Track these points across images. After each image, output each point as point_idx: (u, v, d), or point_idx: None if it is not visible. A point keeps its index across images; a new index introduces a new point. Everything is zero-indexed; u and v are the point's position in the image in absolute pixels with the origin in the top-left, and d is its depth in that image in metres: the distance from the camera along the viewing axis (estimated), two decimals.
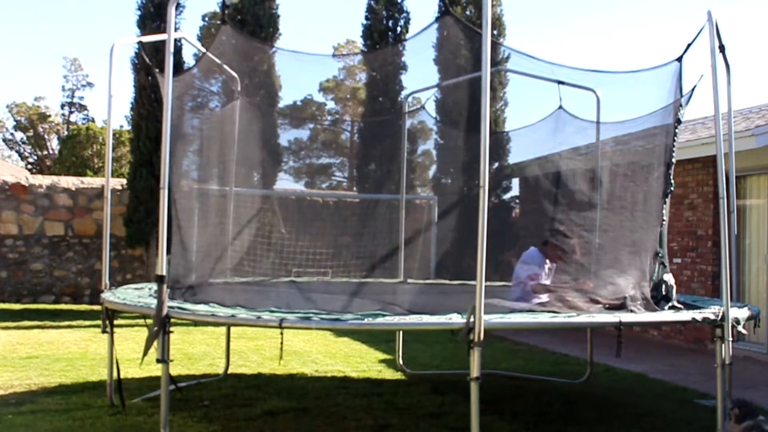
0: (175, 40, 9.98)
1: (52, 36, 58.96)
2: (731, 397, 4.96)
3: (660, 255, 5.87)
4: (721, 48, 5.55)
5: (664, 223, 5.94)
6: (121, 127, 31.15)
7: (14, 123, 41.39)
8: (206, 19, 27.22)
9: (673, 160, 6.09)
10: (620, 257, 6.03)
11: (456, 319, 4.69)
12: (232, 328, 8.53)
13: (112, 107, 6.47)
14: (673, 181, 6.09)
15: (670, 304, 5.83)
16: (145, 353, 5.00)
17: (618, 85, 6.96)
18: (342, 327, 5.64)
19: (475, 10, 14.38)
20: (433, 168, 15.58)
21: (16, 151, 42.23)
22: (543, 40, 54.06)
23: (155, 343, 4.90)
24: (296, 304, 5.66)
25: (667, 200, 6.00)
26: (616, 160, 7.20)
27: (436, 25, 7.03)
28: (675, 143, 6.09)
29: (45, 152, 41.07)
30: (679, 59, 6.16)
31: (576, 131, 7.84)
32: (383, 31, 14.80)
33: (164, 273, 4.93)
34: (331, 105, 32.52)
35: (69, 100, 42.19)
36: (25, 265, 14.65)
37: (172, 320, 4.95)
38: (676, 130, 6.09)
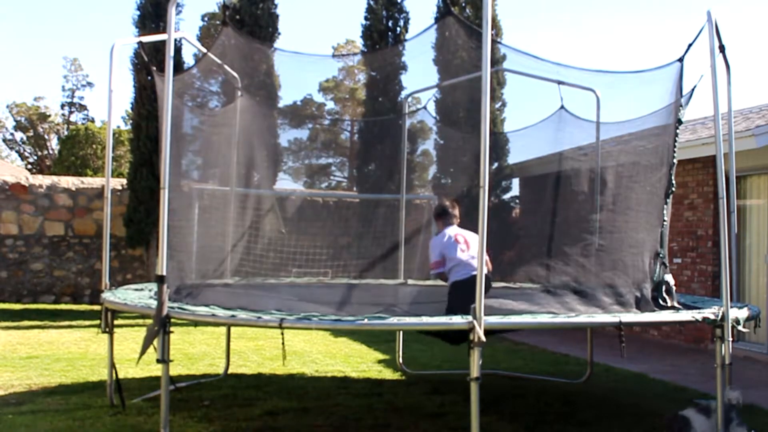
0: (175, 40, 9.97)
1: (52, 36, 59.00)
2: (668, 413, 4.87)
3: (661, 255, 5.87)
4: (721, 48, 5.55)
5: (665, 223, 5.94)
6: (119, 127, 31.15)
7: (14, 123, 41.37)
8: (206, 19, 27.23)
9: (675, 161, 6.08)
10: (621, 257, 6.02)
11: (456, 319, 4.69)
12: (233, 329, 8.53)
13: (112, 107, 6.47)
14: (674, 182, 6.09)
15: (670, 304, 5.83)
16: (143, 352, 5.00)
17: (619, 85, 6.95)
18: (342, 327, 5.65)
19: (473, 11, 14.38)
20: (433, 168, 15.56)
21: (16, 151, 42.23)
22: (542, 41, 54.10)
23: (155, 343, 4.90)
24: (296, 305, 5.66)
25: (669, 200, 6.00)
26: (617, 160, 7.19)
27: (436, 26, 7.03)
28: (676, 143, 6.08)
29: (45, 152, 41.06)
30: (681, 59, 6.16)
31: (577, 131, 7.84)
32: (383, 32, 14.80)
33: (164, 273, 4.93)
34: (330, 105, 32.49)
35: (69, 100, 42.17)
36: (25, 265, 14.65)
37: (172, 320, 4.96)
38: (677, 131, 6.09)
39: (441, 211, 6.56)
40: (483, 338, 4.36)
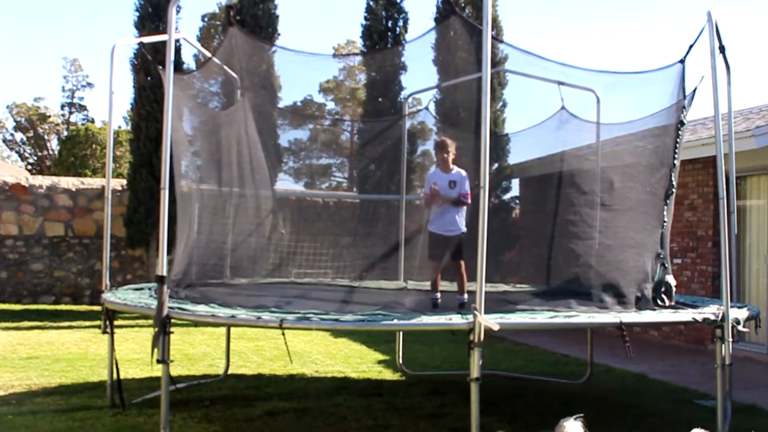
0: (175, 40, 9.97)
1: (52, 36, 59.01)
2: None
3: (662, 256, 5.86)
4: (721, 49, 5.55)
5: (665, 224, 5.93)
6: (119, 127, 31.15)
7: (14, 123, 41.38)
8: (206, 19, 27.28)
9: (677, 162, 6.07)
10: (621, 257, 6.02)
11: (456, 319, 4.69)
12: (233, 329, 8.52)
13: (113, 107, 6.48)
14: (675, 183, 6.08)
15: (668, 304, 5.83)
16: (153, 353, 4.99)
17: (621, 86, 6.95)
18: (342, 327, 5.66)
19: (473, 11, 14.37)
20: (433, 168, 15.51)
21: (16, 152, 42.24)
22: (543, 41, 54.10)
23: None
24: (296, 305, 5.66)
25: (670, 202, 5.99)
26: (618, 160, 7.19)
27: (437, 26, 7.03)
28: (678, 145, 6.07)
29: (45, 153, 41.06)
30: (682, 61, 6.16)
31: (578, 132, 7.83)
32: (383, 32, 14.80)
33: (164, 273, 4.93)
34: (331, 105, 32.50)
35: (69, 100, 42.19)
36: (25, 265, 14.64)
37: (173, 320, 4.95)
38: (680, 132, 6.08)
39: (435, 149, 6.96)
40: (493, 328, 4.35)
